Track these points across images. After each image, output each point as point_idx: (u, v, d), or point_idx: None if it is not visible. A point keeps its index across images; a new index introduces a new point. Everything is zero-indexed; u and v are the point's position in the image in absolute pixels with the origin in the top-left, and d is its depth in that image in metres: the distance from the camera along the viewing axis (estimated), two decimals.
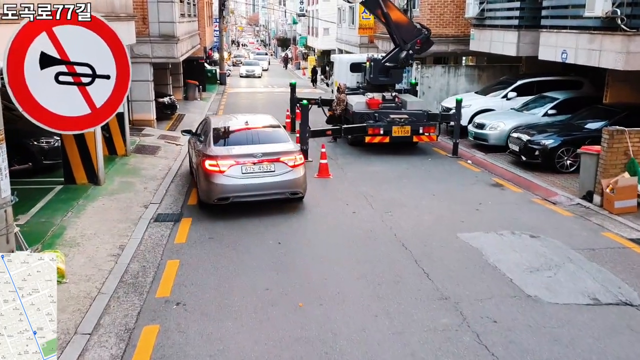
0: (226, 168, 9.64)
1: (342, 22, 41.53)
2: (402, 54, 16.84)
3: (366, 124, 15.01)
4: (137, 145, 15.46)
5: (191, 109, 25.50)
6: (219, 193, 9.71)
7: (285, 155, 10.00)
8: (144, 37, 18.08)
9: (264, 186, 9.82)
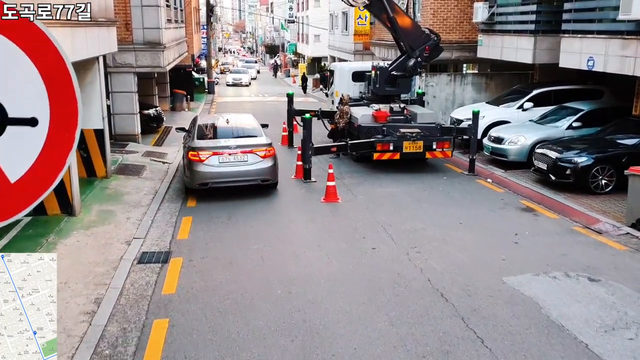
0: (205, 158, 11.24)
1: (335, 28, 40.23)
2: (411, 62, 15.47)
3: (374, 139, 13.57)
4: (119, 165, 13.89)
5: (178, 121, 23.86)
6: (199, 179, 11.32)
7: (257, 147, 11.54)
8: (127, 45, 16.53)
9: (238, 173, 11.42)
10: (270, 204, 11.29)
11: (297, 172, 13.47)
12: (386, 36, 28.18)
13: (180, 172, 13.95)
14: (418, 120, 14.68)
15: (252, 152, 11.45)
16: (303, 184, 12.76)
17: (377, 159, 13.54)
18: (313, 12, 51.71)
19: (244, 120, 13.10)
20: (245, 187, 11.67)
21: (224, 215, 10.47)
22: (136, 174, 13.32)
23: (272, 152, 11.68)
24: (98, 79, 12.14)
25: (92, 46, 11.12)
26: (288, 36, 73.30)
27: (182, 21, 25.04)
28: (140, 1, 16.72)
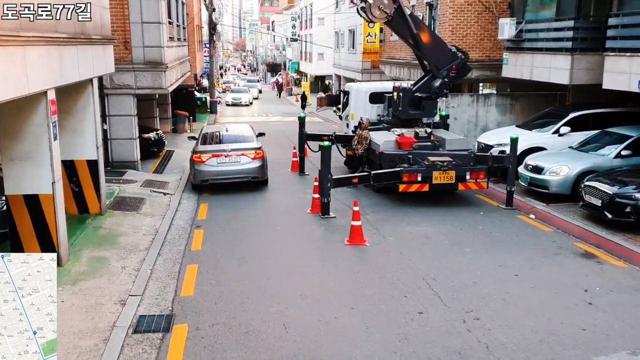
0: (206, 159, 13.82)
1: (340, 46, 39.08)
2: (437, 82, 14.09)
3: (399, 168, 12.13)
4: (115, 198, 12.43)
5: (180, 144, 22.51)
6: (201, 176, 13.86)
7: (248, 150, 14.04)
8: (126, 65, 15.18)
9: (232, 172, 13.85)
10: (287, 245, 9.82)
11: (314, 206, 12.02)
12: (397, 54, 26.95)
13: (183, 207, 12.60)
14: (447, 147, 13.26)
15: (244, 155, 13.99)
16: (321, 220, 11.31)
17: (403, 191, 12.10)
18: (317, 30, 50.63)
19: (241, 129, 16.11)
20: (261, 222, 10.25)
21: (234, 261, 9.00)
22: (134, 209, 11.85)
23: (260, 154, 14.15)
24: (92, 103, 10.74)
25: (85, 67, 9.74)
26: (290, 54, 72.35)
27: (185, 39, 23.78)
28: (140, 18, 15.40)
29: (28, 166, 8.03)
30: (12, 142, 7.97)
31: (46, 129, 7.96)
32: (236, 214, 11.99)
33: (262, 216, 11.84)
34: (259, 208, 12.55)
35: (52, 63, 7.94)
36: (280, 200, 13.22)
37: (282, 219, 11.58)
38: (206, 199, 13.45)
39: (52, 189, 8.12)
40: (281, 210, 12.32)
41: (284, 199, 13.39)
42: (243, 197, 13.64)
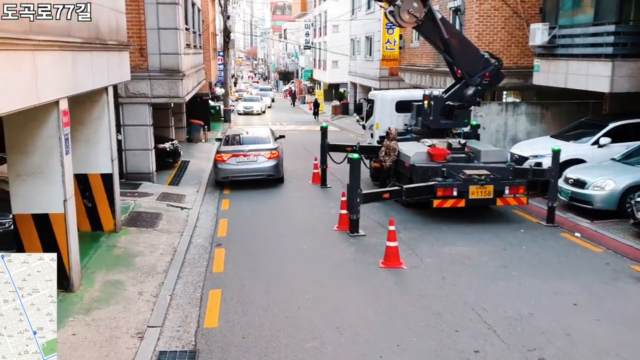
0: (227, 158, 15.26)
1: (357, 53, 38.39)
2: (469, 90, 13.30)
3: (433, 182, 11.33)
4: (130, 214, 11.73)
5: (196, 154, 21.90)
6: (222, 174, 15.39)
7: (264, 151, 15.41)
8: (141, 72, 14.55)
9: (250, 170, 15.26)
10: (316, 267, 9.03)
11: (341, 223, 11.25)
12: (418, 61, 26.19)
13: (201, 222, 11.88)
14: (482, 159, 12.44)
15: (260, 155, 15.39)
16: (350, 239, 10.52)
17: (437, 207, 11.28)
18: (331, 37, 50.02)
19: (259, 132, 17.76)
20: (287, 241, 9.48)
21: (260, 286, 8.24)
22: (150, 225, 11.14)
23: (276, 155, 15.46)
24: (107, 113, 10.06)
25: (100, 75, 9.07)
26: (303, 62, 71.83)
27: (200, 47, 23.19)
28: (156, 23, 14.78)
29: (37, 182, 7.33)
30: (20, 157, 7.29)
31: (57, 142, 7.27)
32: (258, 231, 11.24)
33: (286, 233, 11.08)
34: (282, 224, 11.78)
35: (65, 70, 7.26)
36: (303, 216, 12.45)
37: (307, 236, 10.81)
38: (225, 213, 12.71)
39: (64, 208, 7.41)
40: (306, 226, 11.55)
41: (308, 214, 12.62)
42: (264, 211, 12.92)
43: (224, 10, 37.12)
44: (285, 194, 14.76)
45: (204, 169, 18.72)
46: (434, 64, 23.42)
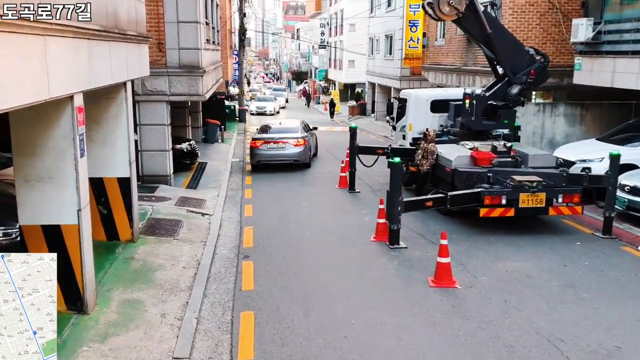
0: (260, 145, 17.57)
1: (376, 52, 37.36)
2: (514, 89, 12.25)
3: (480, 189, 10.32)
4: (148, 220, 10.81)
5: (212, 155, 20.97)
6: (256, 158, 17.68)
7: (291, 139, 17.53)
8: (159, 68, 13.64)
9: (279, 155, 17.45)
10: (358, 286, 8.05)
11: (378, 233, 10.27)
12: (443, 59, 25.13)
13: (225, 230, 10.95)
14: (529, 164, 11.43)
15: (288, 142, 17.47)
16: (391, 252, 9.53)
17: (484, 216, 10.27)
18: (348, 36, 49.06)
19: (290, 123, 20.08)
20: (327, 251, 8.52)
21: (297, 308, 7.27)
22: (170, 234, 10.21)
23: (302, 143, 17.55)
24: (125, 111, 9.14)
25: (119, 68, 8.15)
26: (316, 62, 70.89)
27: (218, 43, 22.28)
28: (176, 16, 13.87)
29: (48, 189, 6.41)
30: (28, 160, 6.37)
31: (71, 143, 6.34)
32: (287, 241, 10.28)
33: (319, 244, 10.11)
34: (313, 233, 10.81)
35: (80, 60, 6.33)
36: (335, 224, 11.46)
37: (342, 248, 9.83)
38: (250, 220, 11.76)
39: (78, 219, 6.49)
40: (339, 236, 10.57)
41: (339, 222, 11.64)
42: (291, 218, 11.96)
43: (241, 7, 36.25)
44: (312, 199, 13.79)
45: (222, 171, 17.80)
46: (461, 63, 22.38)
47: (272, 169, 17.73)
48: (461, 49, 22.59)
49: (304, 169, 17.77)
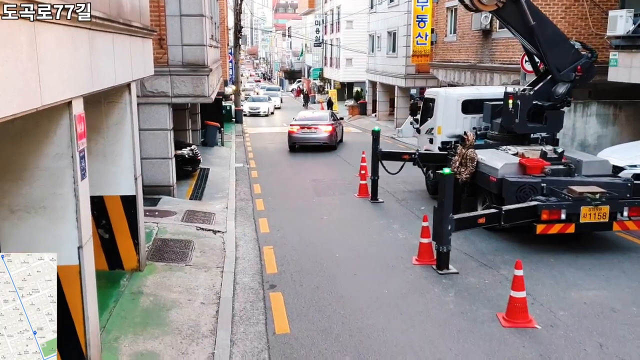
0: (295, 130, 22.08)
1: (377, 50, 36.05)
2: (561, 88, 10.99)
3: (536, 202, 9.02)
4: (154, 242, 9.41)
5: (213, 160, 19.58)
6: (292, 140, 22.11)
7: (320, 126, 22.14)
8: (161, 67, 12.23)
9: (310, 138, 21.82)
10: (415, 327, 6.70)
11: (422, 255, 8.94)
12: (455, 56, 23.85)
13: (242, 252, 9.59)
14: (583, 171, 10.15)
15: (318, 128, 21.81)
16: (441, 279, 8.20)
17: (541, 233, 8.97)
18: (345, 34, 47.71)
19: (321, 113, 25.40)
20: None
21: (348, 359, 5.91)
22: (182, 259, 8.81)
23: (331, 129, 21.92)
24: (129, 117, 7.75)
25: (123, 66, 6.74)
26: (310, 61, 69.55)
27: (218, 40, 20.85)
28: (179, 9, 12.46)
29: (40, 222, 5.00)
30: (14, 185, 4.96)
31: (69, 163, 4.94)
32: (316, 265, 8.92)
33: (353, 270, 8.75)
34: (344, 255, 9.45)
35: (80, 56, 4.94)
36: (366, 242, 10.12)
37: (383, 274, 8.48)
38: (268, 238, 10.39)
39: (79, 258, 5.08)
40: (375, 258, 9.22)
41: (370, 239, 10.30)
42: (314, 234, 10.59)
43: (237, 4, 34.79)
44: (332, 211, 12.44)
45: (227, 179, 16.41)
46: (476, 59, 21.12)
47: (279, 173, 16.41)
48: (475, 44, 21.33)
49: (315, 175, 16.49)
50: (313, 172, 17.49)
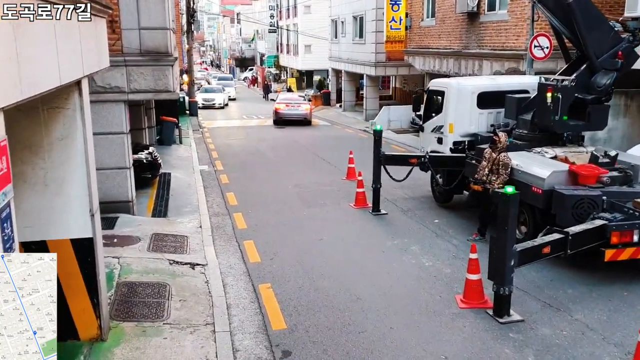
0: (282, 108, 27.16)
1: (341, 36, 33.96)
2: (604, 78, 9.29)
3: (602, 221, 7.24)
4: (118, 288, 7.12)
5: (174, 162, 17.18)
6: (278, 115, 26.98)
7: (302, 104, 28.04)
8: (115, 56, 9.73)
9: (294, 114, 26.82)
10: None
11: (469, 294, 7.03)
12: (434, 42, 22.02)
13: (233, 296, 7.43)
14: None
15: (300, 106, 27.61)
16: (508, 332, 6.31)
17: (610, 260, 7.21)
18: (303, 19, 45.34)
19: (297, 95, 33.11)
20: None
21: None
22: (157, 314, 6.58)
23: (309, 108, 28.16)
24: (80, 128, 5.45)
25: (69, 59, 4.47)
26: (262, 47, 66.80)
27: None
28: None
29: None
30: None
31: None
32: (335, 313, 6.87)
33: (385, 318, 6.75)
34: (364, 293, 7.42)
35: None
36: (386, 274, 8.11)
37: (428, 326, 6.51)
38: (262, 271, 8.25)
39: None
40: (406, 298, 7.25)
41: (390, 268, 8.30)
42: (318, 262, 8.50)
43: None
44: (330, 228, 10.39)
45: (193, 186, 14.11)
46: (461, 45, 19.37)
47: (253, 177, 14.24)
48: (460, 29, 19.56)
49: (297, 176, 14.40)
50: (292, 174, 15.37)
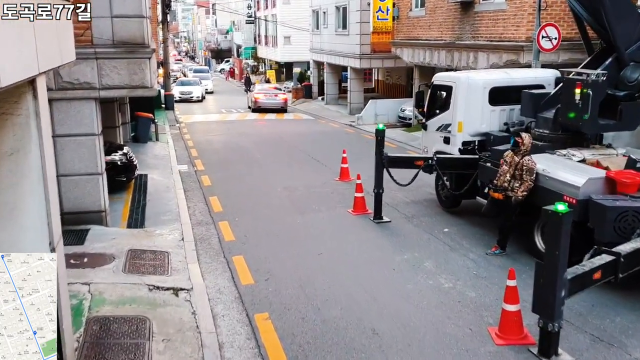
0: (260, 97, 29.80)
1: (323, 27, 32.76)
2: (635, 72, 8.33)
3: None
4: (87, 326, 5.93)
5: (150, 162, 15.89)
6: (257, 104, 29.49)
7: (279, 94, 30.46)
8: (83, 47, 8.49)
9: (271, 103, 29.59)
10: None
11: (507, 328, 6.00)
12: (424, 33, 20.98)
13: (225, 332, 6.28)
14: None
15: (277, 96, 30.05)
16: None
17: None
18: (282, 9, 43.95)
19: (274, 86, 34.37)
20: None
21: None
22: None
23: (285, 98, 30.47)
24: (36, 138, 4.28)
25: (20, 51, 3.27)
26: (239, 39, 65.14)
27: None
28: None
29: None
30: None
31: None
32: (349, 358, 5.78)
33: (407, 358, 5.69)
34: (382, 326, 6.35)
35: None
36: (404, 301, 7.04)
37: None
38: (256, 297, 7.13)
39: None
40: (431, 333, 6.19)
41: (405, 292, 7.24)
42: (323, 287, 7.40)
43: None
44: (329, 239, 9.30)
45: (172, 189, 12.90)
46: (454, 37, 18.39)
47: (237, 178, 13.06)
48: (452, 19, 18.58)
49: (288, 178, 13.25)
50: (280, 174, 14.23)
